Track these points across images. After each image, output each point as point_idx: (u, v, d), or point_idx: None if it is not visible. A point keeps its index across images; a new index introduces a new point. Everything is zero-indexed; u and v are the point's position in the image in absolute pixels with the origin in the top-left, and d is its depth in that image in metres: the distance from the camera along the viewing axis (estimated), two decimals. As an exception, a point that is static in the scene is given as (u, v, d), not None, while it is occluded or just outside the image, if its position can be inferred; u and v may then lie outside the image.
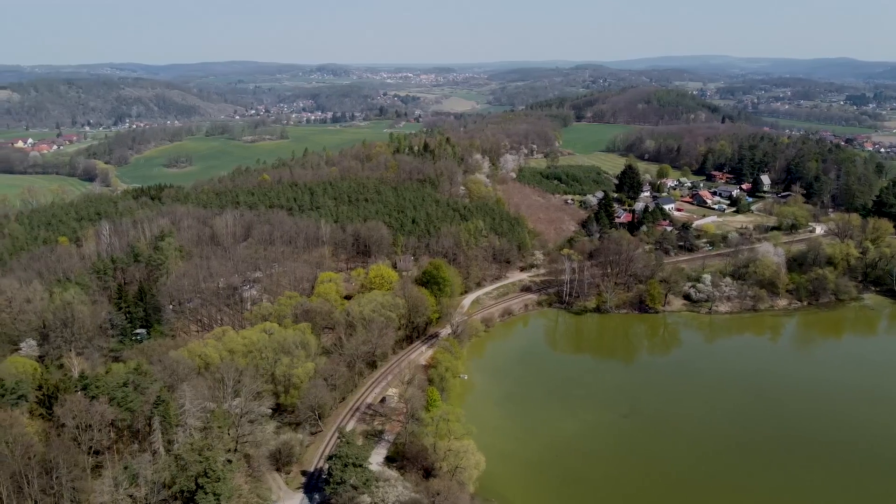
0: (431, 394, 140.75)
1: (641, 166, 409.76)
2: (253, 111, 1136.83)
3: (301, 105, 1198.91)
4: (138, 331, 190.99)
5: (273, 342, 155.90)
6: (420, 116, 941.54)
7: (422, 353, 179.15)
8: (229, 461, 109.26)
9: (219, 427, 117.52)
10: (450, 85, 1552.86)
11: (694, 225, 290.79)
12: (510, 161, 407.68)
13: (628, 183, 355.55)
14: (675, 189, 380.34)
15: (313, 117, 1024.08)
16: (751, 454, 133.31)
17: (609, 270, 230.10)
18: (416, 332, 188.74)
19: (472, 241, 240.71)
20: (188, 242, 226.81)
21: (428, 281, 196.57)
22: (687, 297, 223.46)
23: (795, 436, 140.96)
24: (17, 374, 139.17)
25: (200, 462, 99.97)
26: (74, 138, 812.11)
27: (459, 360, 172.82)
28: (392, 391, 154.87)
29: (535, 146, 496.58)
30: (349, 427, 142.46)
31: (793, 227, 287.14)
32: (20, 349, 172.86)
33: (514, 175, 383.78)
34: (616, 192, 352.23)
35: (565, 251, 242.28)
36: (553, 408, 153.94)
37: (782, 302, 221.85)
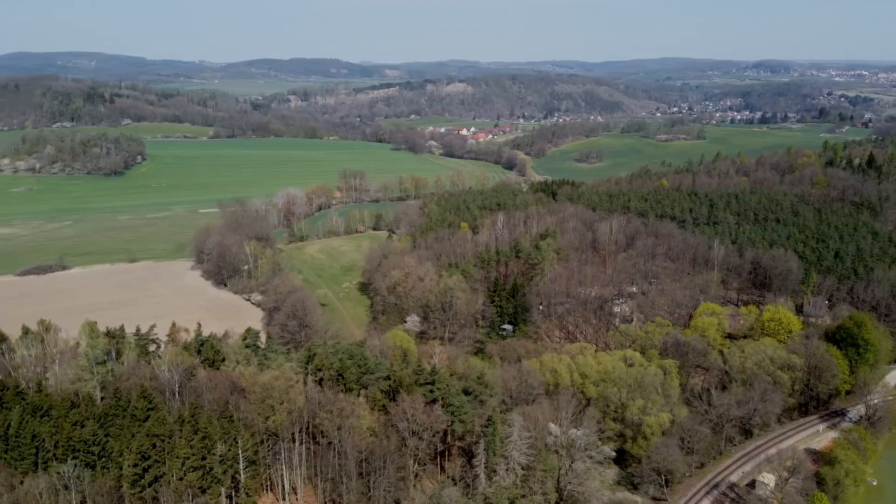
0: (819, 502, 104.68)
1: None
2: (675, 108, 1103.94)
3: (728, 104, 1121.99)
4: (505, 326, 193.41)
5: (630, 376, 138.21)
6: (870, 121, 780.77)
7: (817, 434, 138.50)
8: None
9: (542, 470, 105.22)
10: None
11: None
12: None
13: None
14: None
15: (739, 117, 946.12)
16: None
17: None
18: (813, 402, 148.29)
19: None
20: (567, 245, 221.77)
21: (842, 339, 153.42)
22: None
23: None
24: (392, 346, 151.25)
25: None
26: (507, 129, 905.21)
27: (870, 459, 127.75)
28: (766, 476, 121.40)
29: None
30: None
31: None
32: (406, 322, 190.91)
33: None
34: None
35: None
36: None
37: None
